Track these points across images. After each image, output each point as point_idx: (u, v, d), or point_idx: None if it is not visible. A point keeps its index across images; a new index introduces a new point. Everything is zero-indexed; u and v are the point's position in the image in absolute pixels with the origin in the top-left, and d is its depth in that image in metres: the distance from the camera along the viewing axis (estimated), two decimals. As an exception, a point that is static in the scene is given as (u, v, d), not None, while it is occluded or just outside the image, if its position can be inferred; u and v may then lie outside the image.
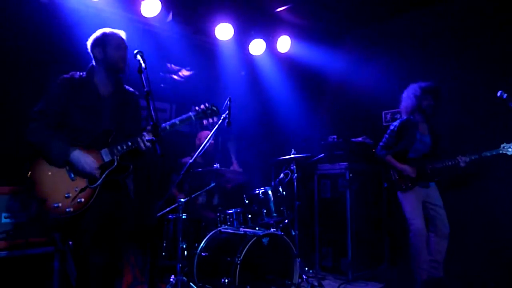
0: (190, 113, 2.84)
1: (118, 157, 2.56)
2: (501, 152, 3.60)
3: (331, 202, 4.83)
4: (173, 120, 2.76)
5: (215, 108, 2.92)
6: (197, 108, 2.87)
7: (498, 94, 3.48)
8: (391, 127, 4.04)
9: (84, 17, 4.03)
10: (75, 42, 3.95)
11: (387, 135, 4.04)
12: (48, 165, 2.44)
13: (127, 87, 2.79)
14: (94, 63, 2.70)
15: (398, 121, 4.05)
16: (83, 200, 2.45)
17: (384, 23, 5.36)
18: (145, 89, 2.28)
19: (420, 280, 3.76)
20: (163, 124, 2.72)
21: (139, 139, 2.56)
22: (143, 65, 2.40)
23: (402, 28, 5.17)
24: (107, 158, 2.54)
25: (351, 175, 4.69)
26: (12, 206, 3.03)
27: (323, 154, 4.70)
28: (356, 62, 5.59)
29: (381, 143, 4.07)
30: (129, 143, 2.56)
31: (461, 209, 4.22)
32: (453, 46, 4.69)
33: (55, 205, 2.38)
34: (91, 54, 2.68)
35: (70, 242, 3.24)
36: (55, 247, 3.11)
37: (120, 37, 2.69)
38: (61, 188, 2.42)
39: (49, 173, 2.43)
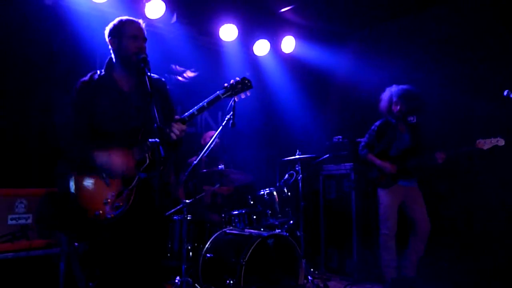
0: (218, 92, 2.54)
1: (149, 154, 2.40)
2: (477, 147, 3.62)
3: (336, 202, 4.81)
4: (200, 104, 2.49)
5: (246, 81, 2.57)
6: (226, 84, 2.56)
7: (505, 93, 3.45)
8: (372, 127, 4.20)
9: (88, 18, 4.05)
10: (80, 44, 3.99)
11: (368, 135, 4.20)
12: (82, 175, 2.37)
13: (152, 75, 2.41)
14: (112, 55, 2.53)
15: (378, 121, 4.20)
16: (121, 203, 2.35)
17: (389, 24, 5.34)
18: (149, 91, 2.26)
19: (389, 278, 3.90)
20: (190, 110, 2.48)
21: (167, 130, 2.34)
22: (146, 66, 2.38)
23: (407, 29, 5.15)
24: (138, 156, 2.39)
25: (356, 175, 4.67)
26: (18, 207, 3.05)
27: (328, 155, 4.68)
28: (361, 62, 5.56)
29: (362, 143, 4.20)
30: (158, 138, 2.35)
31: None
32: (458, 47, 4.66)
33: (96, 213, 2.32)
34: (109, 45, 2.51)
35: (76, 244, 3.26)
36: (61, 249, 3.12)
37: (138, 25, 2.48)
38: (99, 195, 2.35)
39: (85, 182, 2.37)
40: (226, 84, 2.56)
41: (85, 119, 2.43)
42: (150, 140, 2.37)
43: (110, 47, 2.51)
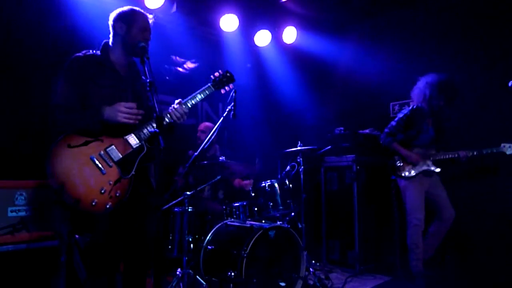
0: (208, 84, 2.80)
1: (146, 142, 2.40)
2: (500, 150, 3.71)
3: (338, 194, 4.78)
4: (193, 94, 2.68)
5: (229, 75, 2.88)
6: (212, 77, 2.82)
7: (510, 84, 3.40)
8: (401, 115, 4.08)
9: (86, 7, 4.00)
10: (77, 33, 3.94)
11: (394, 123, 4.08)
12: (72, 163, 2.21)
13: (139, 68, 2.53)
14: (110, 40, 2.51)
15: (408, 109, 4.08)
16: (119, 192, 2.29)
17: (392, 14, 5.27)
18: (148, 80, 2.22)
19: (416, 271, 3.86)
20: (184, 99, 2.61)
21: (165, 116, 2.46)
22: (145, 55, 2.35)
23: (410, 19, 5.09)
24: (135, 144, 2.38)
25: (358, 167, 4.64)
26: (18, 200, 3.03)
27: (329, 146, 4.65)
28: (363, 53, 5.51)
29: (386, 130, 4.11)
30: (155, 124, 2.33)
31: (461, 202, 4.22)
32: (462, 37, 4.60)
33: (93, 203, 2.21)
34: (111, 27, 2.50)
35: (77, 236, 3.25)
36: (61, 241, 3.11)
37: (149, 21, 2.55)
38: (94, 184, 2.24)
39: (77, 171, 2.22)
40: (212, 77, 2.83)
41: (76, 93, 2.34)
42: (149, 130, 2.39)
43: (112, 31, 2.50)
